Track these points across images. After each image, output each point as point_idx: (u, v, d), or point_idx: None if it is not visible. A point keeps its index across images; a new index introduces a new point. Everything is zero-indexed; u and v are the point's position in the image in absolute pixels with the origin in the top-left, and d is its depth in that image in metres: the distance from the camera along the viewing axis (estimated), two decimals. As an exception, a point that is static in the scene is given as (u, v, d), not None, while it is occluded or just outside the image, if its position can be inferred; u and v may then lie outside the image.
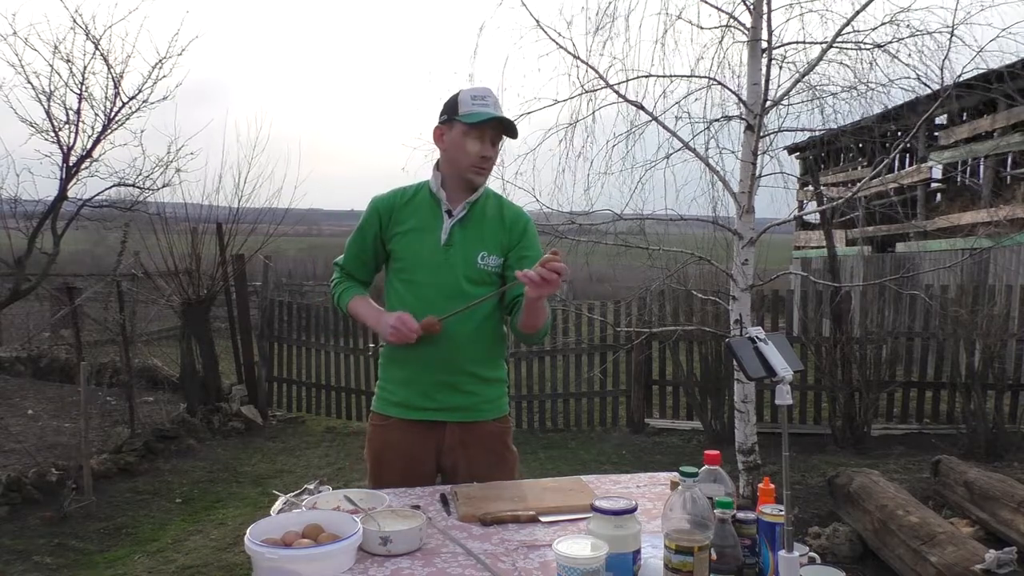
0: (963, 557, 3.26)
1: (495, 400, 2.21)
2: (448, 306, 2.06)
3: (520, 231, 2.17)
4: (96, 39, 5.53)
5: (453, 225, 2.13)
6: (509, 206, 2.23)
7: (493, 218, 2.16)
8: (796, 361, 1.38)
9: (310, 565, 1.42)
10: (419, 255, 2.13)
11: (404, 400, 2.16)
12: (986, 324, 6.20)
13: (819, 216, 7.66)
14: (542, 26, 4.54)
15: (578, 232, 4.84)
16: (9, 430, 6.26)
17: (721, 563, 1.31)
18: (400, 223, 2.16)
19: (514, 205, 2.26)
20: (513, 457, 2.24)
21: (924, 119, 4.53)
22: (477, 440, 2.15)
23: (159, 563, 4.14)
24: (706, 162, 4.76)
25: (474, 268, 2.11)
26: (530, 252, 2.15)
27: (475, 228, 2.14)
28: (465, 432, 2.14)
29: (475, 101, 2.09)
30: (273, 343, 8.11)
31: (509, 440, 2.24)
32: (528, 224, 2.20)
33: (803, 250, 15.15)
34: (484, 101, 2.09)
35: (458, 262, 2.11)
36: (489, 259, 2.13)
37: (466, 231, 2.13)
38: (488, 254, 2.13)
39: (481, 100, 2.09)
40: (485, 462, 2.12)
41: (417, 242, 2.14)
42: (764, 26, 4.45)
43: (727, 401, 6.45)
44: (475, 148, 2.09)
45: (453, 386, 2.13)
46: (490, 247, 2.13)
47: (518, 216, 2.20)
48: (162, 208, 7.12)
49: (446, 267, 2.11)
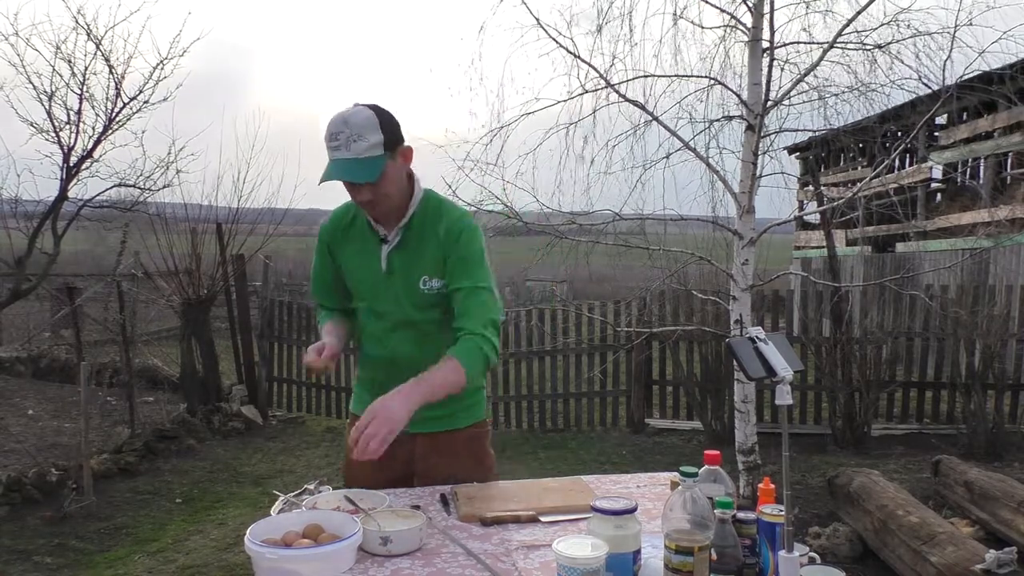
0: (963, 557, 3.25)
1: (470, 407, 2.13)
2: (400, 333, 2.01)
3: (452, 242, 1.95)
4: (98, 40, 5.55)
5: (390, 252, 1.99)
6: (447, 215, 1.99)
7: (431, 236, 1.97)
8: (796, 361, 1.38)
9: (310, 565, 1.42)
10: (365, 284, 2.04)
11: None
12: (986, 324, 6.21)
13: (819, 216, 7.66)
14: (542, 24, 4.55)
15: (578, 232, 4.84)
16: (9, 430, 6.26)
17: (721, 563, 1.31)
18: (343, 251, 2.07)
19: (453, 213, 2.01)
20: (490, 460, 2.17)
21: (925, 120, 4.53)
22: (451, 448, 2.08)
23: (159, 563, 4.14)
24: (706, 162, 4.76)
25: (418, 294, 1.98)
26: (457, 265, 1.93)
27: (412, 252, 1.98)
28: (437, 440, 2.07)
29: (329, 143, 1.83)
30: (273, 343, 8.11)
31: (486, 444, 2.17)
32: (462, 233, 1.95)
33: (803, 250, 15.15)
34: (336, 142, 1.81)
35: (401, 290, 1.99)
36: (432, 282, 1.97)
37: (404, 256, 1.99)
38: (430, 277, 1.97)
39: (333, 141, 1.81)
40: (457, 469, 2.05)
41: (361, 270, 2.04)
42: (765, 26, 4.46)
43: (727, 401, 6.45)
44: (349, 193, 1.92)
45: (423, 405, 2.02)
46: (430, 270, 1.97)
47: (451, 227, 1.97)
48: (162, 208, 7.13)
49: (392, 295, 2.00)
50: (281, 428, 7.52)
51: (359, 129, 1.81)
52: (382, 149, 1.84)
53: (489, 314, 1.91)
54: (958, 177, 11.25)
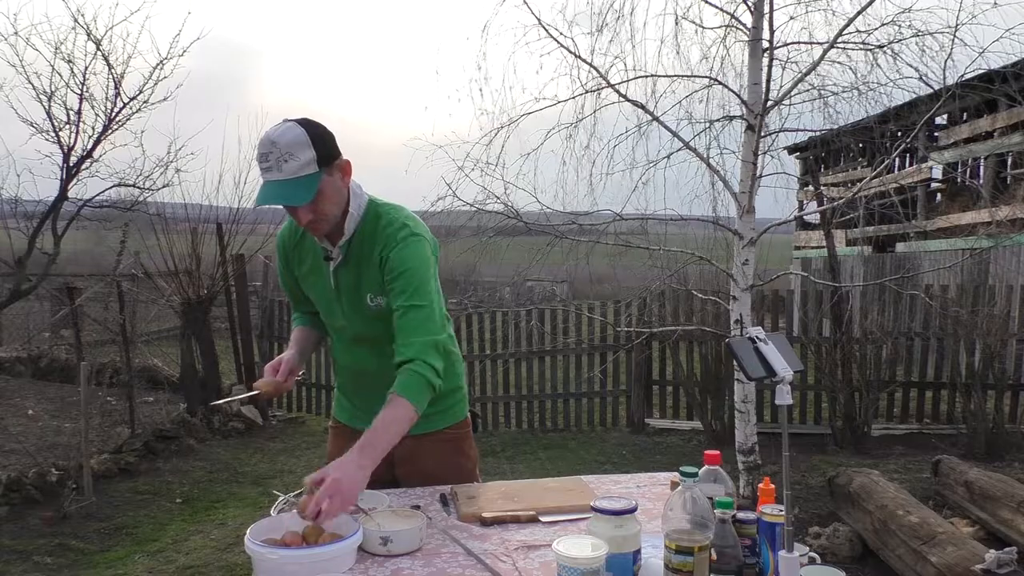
0: (963, 557, 3.25)
1: (449, 408, 2.11)
2: (360, 348, 2.01)
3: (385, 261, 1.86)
4: (97, 40, 5.54)
5: (336, 269, 1.93)
6: (385, 227, 1.89)
7: (369, 251, 1.89)
8: (796, 361, 1.38)
9: (310, 565, 1.42)
10: (320, 300, 2.02)
11: (352, 411, 2.13)
12: (986, 324, 6.21)
13: (819, 216, 7.66)
14: (543, 24, 4.55)
15: (579, 232, 4.84)
16: (9, 430, 6.26)
17: (721, 563, 1.31)
18: (298, 266, 2.04)
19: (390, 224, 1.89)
20: (470, 461, 2.16)
21: (925, 119, 4.53)
22: (431, 449, 2.07)
23: (159, 563, 4.13)
24: (707, 162, 4.76)
25: (367, 310, 1.93)
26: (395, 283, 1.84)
27: (356, 269, 1.92)
28: (416, 443, 2.01)
29: (259, 163, 1.73)
30: (273, 343, 8.11)
31: (466, 445, 2.16)
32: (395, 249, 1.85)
33: (803, 250, 15.15)
34: (266, 163, 1.71)
35: (350, 306, 1.96)
36: (379, 299, 1.91)
37: (349, 273, 1.93)
38: (374, 295, 1.91)
39: (264, 162, 1.71)
40: (437, 471, 2.05)
41: (315, 287, 2.01)
42: (765, 26, 4.46)
43: (727, 401, 6.45)
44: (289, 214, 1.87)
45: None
46: (374, 287, 1.91)
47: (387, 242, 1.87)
48: (162, 208, 7.12)
49: (342, 312, 1.97)
50: (281, 428, 7.52)
51: (289, 148, 1.70)
52: (316, 167, 1.73)
53: (427, 335, 1.79)
54: (958, 177, 11.24)
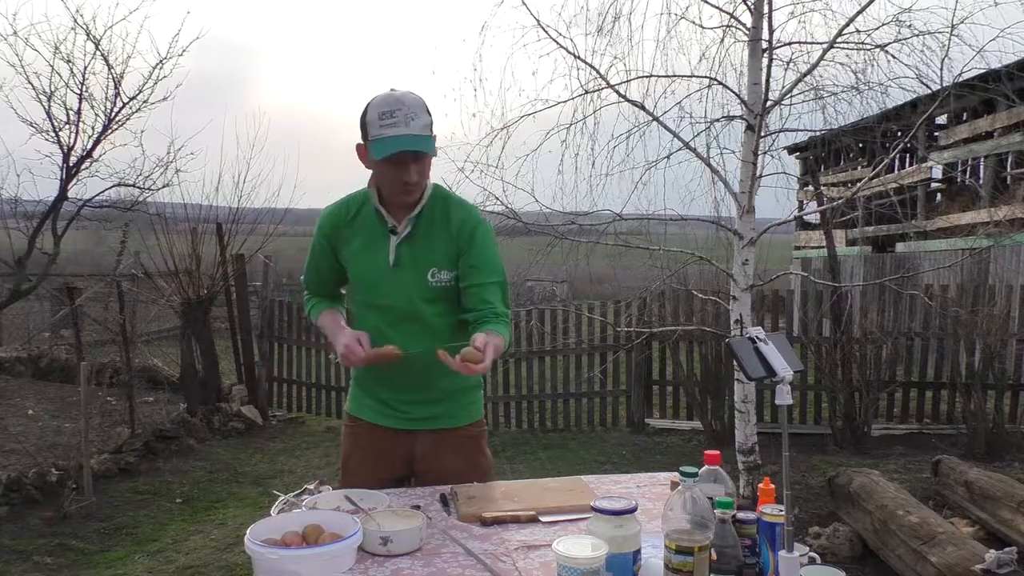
0: (963, 557, 3.25)
1: (468, 406, 2.15)
2: (405, 327, 2.00)
3: (467, 238, 1.98)
4: (97, 39, 5.54)
5: (399, 244, 1.99)
6: (457, 210, 2.02)
7: (440, 228, 1.99)
8: (796, 361, 1.38)
9: (310, 565, 1.42)
10: (370, 276, 2.03)
11: (374, 407, 2.13)
12: (986, 324, 6.21)
13: (819, 216, 7.66)
14: (542, 25, 4.55)
15: (578, 232, 4.84)
16: (9, 430, 6.26)
17: (721, 563, 1.31)
18: (348, 241, 2.05)
19: (463, 207, 2.05)
20: (487, 462, 2.18)
21: (924, 119, 4.53)
22: (450, 446, 2.10)
23: (159, 563, 4.14)
24: (707, 162, 4.76)
25: (426, 287, 1.99)
26: (478, 260, 1.99)
27: (422, 244, 1.99)
28: (437, 438, 2.09)
29: (383, 120, 1.84)
30: (273, 343, 8.11)
31: (483, 444, 2.19)
32: (477, 228, 2.00)
33: (803, 250, 15.15)
34: (392, 119, 1.83)
35: (409, 282, 1.99)
36: (441, 274, 1.99)
37: (413, 248, 1.99)
38: (439, 269, 1.99)
39: (389, 118, 1.84)
40: (458, 467, 2.07)
41: (366, 263, 2.03)
42: (765, 26, 4.46)
43: (727, 401, 6.45)
44: (392, 175, 1.91)
45: (423, 401, 2.08)
46: (440, 262, 1.99)
47: (464, 221, 2.00)
48: (162, 208, 7.12)
49: (398, 288, 2.00)
50: (281, 428, 7.52)
51: (415, 108, 1.87)
52: (430, 130, 1.91)
53: (507, 308, 2.04)
54: (958, 177, 11.24)
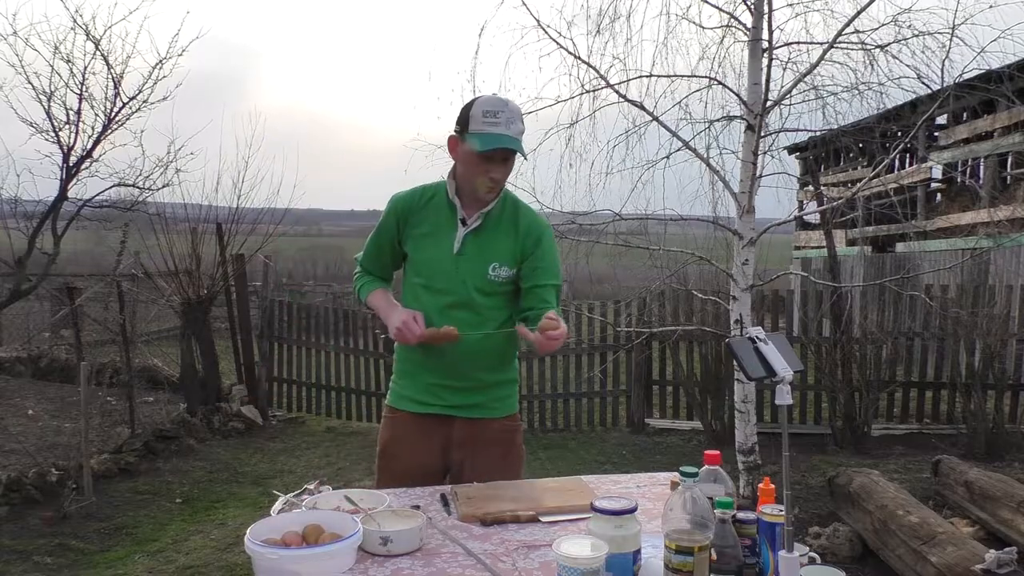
0: (963, 557, 3.25)
1: (505, 399, 2.22)
2: (457, 314, 2.07)
3: (534, 241, 2.11)
4: (96, 39, 5.53)
5: (467, 235, 2.09)
6: (526, 214, 2.16)
7: (508, 227, 2.12)
8: (796, 361, 1.38)
9: (310, 565, 1.42)
10: (431, 262, 2.12)
11: (413, 395, 2.19)
12: (986, 324, 6.21)
13: (819, 216, 7.66)
14: (542, 26, 4.55)
15: (578, 232, 4.84)
16: (9, 430, 6.26)
17: (721, 563, 1.31)
18: (416, 226, 2.14)
19: (531, 212, 2.19)
20: (520, 455, 2.26)
21: (924, 119, 4.53)
22: (486, 437, 2.17)
23: (159, 563, 4.14)
24: (707, 162, 4.76)
25: (485, 279, 2.09)
26: (542, 263, 2.12)
27: (489, 238, 2.11)
28: (474, 428, 2.16)
29: (486, 118, 1.98)
30: (273, 343, 8.11)
31: (518, 438, 2.27)
32: (543, 234, 2.15)
33: (803, 250, 15.15)
34: (495, 119, 1.98)
35: (469, 272, 2.09)
36: (500, 270, 2.10)
37: (479, 241, 2.10)
38: (500, 264, 2.10)
39: (492, 118, 1.98)
40: (493, 459, 2.14)
41: (430, 248, 2.12)
42: (765, 26, 4.46)
43: (727, 401, 6.45)
44: (483, 169, 2.03)
45: (461, 389, 2.15)
46: (503, 258, 2.10)
47: (532, 225, 2.14)
48: (162, 208, 7.11)
49: (457, 276, 2.09)
50: (281, 428, 7.52)
51: (516, 114, 2.02)
52: (522, 137, 2.06)
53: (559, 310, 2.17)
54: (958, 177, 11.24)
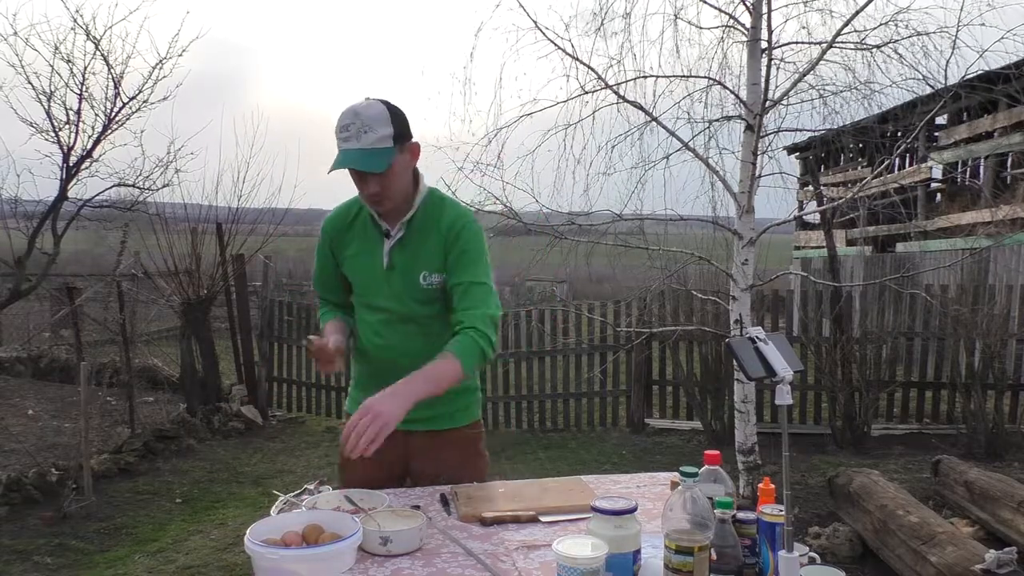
0: (963, 557, 3.25)
1: (465, 408, 2.16)
2: (401, 328, 2.04)
3: (454, 237, 1.99)
4: (96, 39, 5.55)
5: (392, 248, 2.02)
6: (449, 211, 2.04)
7: (433, 232, 2.01)
8: (796, 361, 1.38)
9: (310, 565, 1.41)
10: (366, 280, 2.08)
11: None
12: (986, 324, 6.21)
13: (819, 216, 7.66)
14: (540, 27, 4.55)
15: (578, 232, 4.84)
16: (9, 430, 6.26)
17: (721, 563, 1.31)
18: (346, 247, 2.09)
19: (455, 208, 2.06)
20: (484, 462, 2.19)
21: (926, 120, 4.53)
22: (446, 446, 2.10)
23: (159, 563, 4.14)
24: (706, 162, 4.76)
25: (419, 289, 2.02)
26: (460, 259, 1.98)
27: (415, 247, 2.02)
28: (434, 439, 2.10)
29: (340, 134, 1.86)
30: (273, 343, 8.11)
31: (480, 445, 2.20)
32: (464, 230, 2.00)
33: (803, 250, 15.15)
34: (347, 132, 1.85)
35: (402, 285, 2.03)
36: (432, 277, 2.01)
37: (405, 252, 2.02)
38: (430, 272, 2.01)
39: (344, 132, 1.85)
40: (454, 467, 2.07)
41: (363, 267, 2.07)
42: (764, 26, 4.46)
43: (727, 401, 6.45)
44: (359, 186, 1.94)
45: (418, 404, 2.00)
46: (432, 264, 2.01)
47: (454, 221, 2.01)
48: (162, 208, 7.12)
49: (391, 291, 2.04)
50: (281, 428, 7.52)
51: (370, 121, 1.84)
52: (391, 142, 1.87)
53: (487, 309, 1.94)
54: (958, 177, 11.24)
